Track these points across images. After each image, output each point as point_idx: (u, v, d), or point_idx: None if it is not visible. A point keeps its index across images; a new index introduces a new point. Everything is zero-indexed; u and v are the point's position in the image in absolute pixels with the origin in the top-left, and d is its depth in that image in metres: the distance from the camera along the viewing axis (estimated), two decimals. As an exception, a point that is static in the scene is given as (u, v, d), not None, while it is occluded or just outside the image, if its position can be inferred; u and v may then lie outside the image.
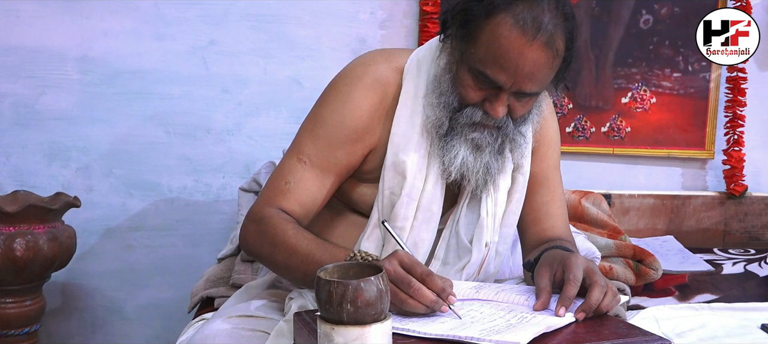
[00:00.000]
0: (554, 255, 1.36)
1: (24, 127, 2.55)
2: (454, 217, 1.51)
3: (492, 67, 1.32)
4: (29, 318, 2.32)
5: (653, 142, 2.73)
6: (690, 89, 2.71)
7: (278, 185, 1.45)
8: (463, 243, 1.49)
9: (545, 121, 1.56)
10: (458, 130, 1.40)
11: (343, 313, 1.05)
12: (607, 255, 2.17)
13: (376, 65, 1.48)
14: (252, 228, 1.43)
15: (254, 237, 1.42)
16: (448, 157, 1.41)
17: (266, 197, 1.45)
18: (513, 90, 1.34)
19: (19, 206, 2.22)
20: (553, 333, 1.19)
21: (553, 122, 1.62)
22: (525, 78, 1.32)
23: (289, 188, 1.44)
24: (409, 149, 1.43)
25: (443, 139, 1.41)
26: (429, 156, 1.44)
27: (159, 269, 2.64)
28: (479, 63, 1.33)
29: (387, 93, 1.46)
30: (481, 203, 1.48)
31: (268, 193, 1.46)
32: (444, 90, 1.40)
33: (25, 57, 2.52)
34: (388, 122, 1.46)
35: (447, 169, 1.42)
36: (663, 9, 2.68)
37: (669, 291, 2.17)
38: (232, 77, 2.56)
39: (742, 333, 1.76)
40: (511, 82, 1.32)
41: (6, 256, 2.19)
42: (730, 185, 2.71)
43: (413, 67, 1.47)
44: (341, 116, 1.44)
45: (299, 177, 1.44)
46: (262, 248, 1.41)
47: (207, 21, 2.57)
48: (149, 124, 2.58)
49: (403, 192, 1.43)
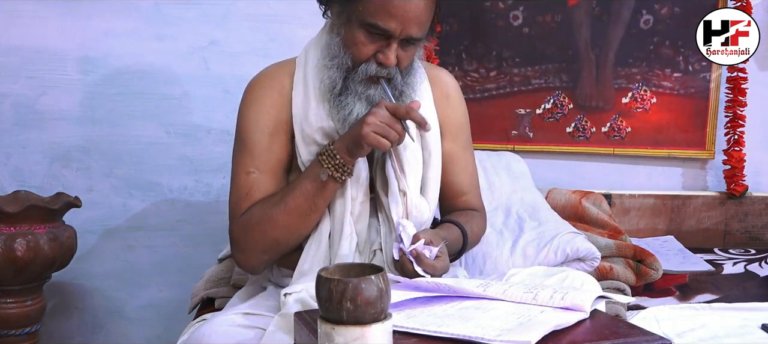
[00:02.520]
0: None
1: (24, 127, 2.55)
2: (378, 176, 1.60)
3: (382, 16, 1.44)
4: (30, 318, 2.32)
5: (654, 142, 2.73)
6: (690, 89, 2.71)
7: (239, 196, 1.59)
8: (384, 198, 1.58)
9: (454, 107, 1.71)
10: (353, 88, 1.51)
11: (343, 311, 1.05)
12: (608, 255, 2.17)
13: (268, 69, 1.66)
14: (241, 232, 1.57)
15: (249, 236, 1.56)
16: (342, 113, 1.52)
17: (233, 211, 1.60)
18: (402, 37, 1.47)
19: (19, 207, 2.22)
20: (559, 333, 1.19)
21: (462, 107, 1.75)
22: (412, 22, 1.46)
23: (251, 194, 1.57)
24: (311, 118, 1.54)
25: (337, 98, 1.52)
26: (330, 118, 1.54)
27: (159, 269, 2.64)
28: (369, 16, 1.45)
29: (284, 83, 1.60)
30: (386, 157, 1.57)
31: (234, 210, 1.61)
32: (335, 53, 1.51)
33: (25, 57, 2.52)
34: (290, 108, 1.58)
35: (343, 125, 1.51)
36: (663, 9, 2.68)
37: (669, 291, 2.17)
38: (233, 77, 2.55)
39: (742, 333, 1.76)
40: (401, 28, 1.46)
41: (6, 256, 2.19)
42: (730, 185, 2.71)
43: (302, 54, 1.62)
44: (256, 118, 1.58)
45: (255, 186, 1.57)
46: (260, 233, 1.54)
47: (207, 21, 2.57)
48: (150, 124, 2.58)
49: None
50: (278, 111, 1.58)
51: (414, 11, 1.45)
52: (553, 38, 2.68)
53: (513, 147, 2.69)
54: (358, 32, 1.48)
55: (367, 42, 1.48)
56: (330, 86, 1.52)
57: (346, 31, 1.50)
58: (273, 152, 1.58)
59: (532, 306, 1.29)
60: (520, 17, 2.67)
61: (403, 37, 1.48)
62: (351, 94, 1.51)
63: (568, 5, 2.67)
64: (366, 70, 1.50)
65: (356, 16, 1.47)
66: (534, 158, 2.67)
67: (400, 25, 1.45)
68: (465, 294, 1.35)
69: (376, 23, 1.45)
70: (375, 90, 1.51)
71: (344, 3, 1.49)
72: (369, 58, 1.49)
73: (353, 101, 1.51)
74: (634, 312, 1.89)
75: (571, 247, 2.02)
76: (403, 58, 1.51)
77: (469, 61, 2.68)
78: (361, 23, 1.47)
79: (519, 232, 2.13)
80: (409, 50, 1.52)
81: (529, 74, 2.70)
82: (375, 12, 1.45)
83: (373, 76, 1.50)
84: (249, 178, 1.58)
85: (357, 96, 1.51)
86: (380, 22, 1.45)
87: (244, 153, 1.60)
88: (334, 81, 1.52)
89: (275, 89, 1.60)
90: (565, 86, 2.71)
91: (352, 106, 1.51)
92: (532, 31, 2.68)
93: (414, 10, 1.45)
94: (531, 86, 2.70)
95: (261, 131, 1.58)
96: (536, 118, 2.72)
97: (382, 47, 1.48)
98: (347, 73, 1.51)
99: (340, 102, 1.52)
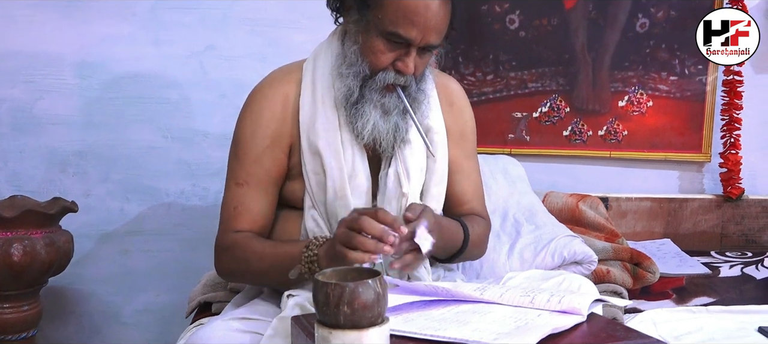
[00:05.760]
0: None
1: (21, 132, 2.55)
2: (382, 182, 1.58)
3: (404, 25, 1.43)
4: (26, 323, 2.31)
5: (650, 145, 2.73)
6: (687, 92, 2.72)
7: (229, 213, 1.58)
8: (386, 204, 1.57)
9: (461, 113, 1.70)
10: (368, 96, 1.49)
11: (340, 315, 1.05)
12: (605, 258, 2.18)
13: (273, 76, 1.63)
14: (224, 257, 1.57)
15: (228, 264, 1.57)
16: (360, 122, 1.50)
17: (223, 227, 1.59)
18: (421, 45, 1.46)
19: (16, 211, 2.22)
20: (557, 336, 1.19)
21: (469, 113, 1.74)
22: (432, 31, 1.45)
23: (239, 211, 1.57)
24: (318, 127, 1.53)
25: (354, 107, 1.50)
26: (340, 128, 1.53)
27: (156, 273, 2.63)
28: (390, 24, 1.43)
29: (289, 91, 1.58)
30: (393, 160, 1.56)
31: (223, 225, 1.59)
32: (353, 61, 1.50)
33: (22, 62, 2.52)
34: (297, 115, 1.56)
35: (360, 134, 1.50)
36: (659, 12, 2.68)
37: (666, 294, 2.18)
38: (231, 82, 2.55)
39: (739, 335, 1.76)
40: (421, 36, 1.44)
41: (3, 261, 2.19)
42: (727, 188, 2.72)
43: (311, 59, 1.60)
44: (253, 129, 1.57)
45: (244, 199, 1.57)
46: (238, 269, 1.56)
47: (205, 25, 2.57)
48: (147, 128, 2.58)
49: (326, 170, 1.53)
50: (279, 123, 1.57)
51: (434, 19, 1.44)
52: (550, 42, 2.69)
53: (510, 151, 2.69)
54: (378, 40, 1.46)
55: (386, 50, 1.46)
56: (346, 94, 1.50)
57: (363, 39, 1.48)
58: (263, 166, 1.57)
59: (529, 310, 1.29)
60: (517, 21, 2.68)
61: (422, 45, 1.47)
62: (367, 102, 1.50)
63: (564, 9, 2.68)
64: (384, 79, 1.48)
65: (375, 23, 1.45)
66: (531, 161, 2.67)
67: (421, 33, 1.44)
68: (462, 297, 1.35)
69: (396, 32, 1.44)
70: (390, 98, 1.50)
71: (363, 10, 1.47)
72: (387, 66, 1.48)
73: (369, 109, 1.50)
74: (631, 316, 1.89)
75: (568, 250, 2.02)
76: (419, 65, 1.51)
77: (466, 64, 2.69)
78: (380, 31, 1.45)
79: (516, 235, 2.14)
80: (426, 57, 1.51)
81: (525, 78, 2.70)
82: (396, 20, 1.43)
83: (390, 85, 1.49)
84: (239, 190, 1.58)
85: (373, 105, 1.50)
86: (401, 30, 1.43)
87: (236, 161, 1.60)
88: (351, 90, 1.50)
89: (278, 100, 1.58)
90: (562, 90, 2.71)
91: (369, 115, 1.50)
92: (528, 34, 2.68)
93: (434, 18, 1.44)
94: (527, 90, 2.71)
95: (255, 142, 1.57)
96: (533, 121, 2.72)
97: (401, 55, 1.47)
98: (364, 82, 1.49)
99: (357, 111, 1.50)
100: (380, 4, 1.44)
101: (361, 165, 1.55)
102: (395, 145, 1.54)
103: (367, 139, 1.51)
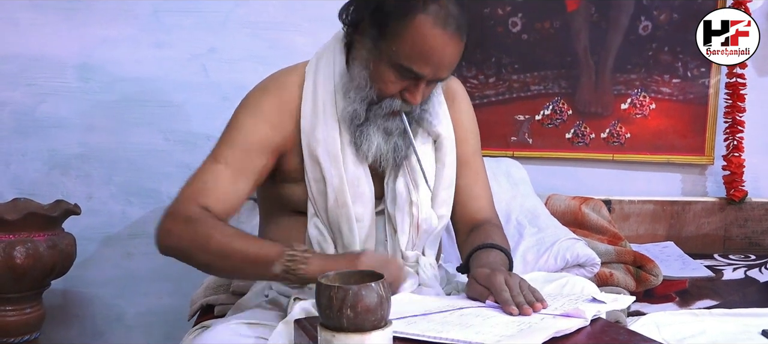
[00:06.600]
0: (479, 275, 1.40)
1: (24, 135, 2.55)
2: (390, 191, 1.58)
3: (418, 62, 1.43)
4: (29, 325, 2.31)
5: (653, 148, 2.73)
6: (689, 94, 2.71)
7: (197, 186, 1.52)
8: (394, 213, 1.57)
9: (462, 110, 1.70)
10: (372, 119, 1.50)
11: (343, 318, 1.05)
12: (608, 261, 2.17)
13: (280, 74, 1.62)
14: (179, 227, 1.47)
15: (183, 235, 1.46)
16: (365, 144, 1.51)
17: (185, 195, 1.51)
18: (431, 79, 1.47)
19: (19, 214, 2.22)
20: (560, 339, 1.19)
21: (470, 110, 1.74)
22: (445, 68, 1.46)
23: (207, 187, 1.52)
24: (319, 136, 1.53)
25: (359, 129, 1.51)
26: (341, 140, 1.53)
27: (159, 276, 2.63)
28: (405, 59, 1.43)
29: (291, 94, 1.57)
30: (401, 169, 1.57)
31: (187, 191, 1.52)
32: (361, 86, 1.50)
33: (24, 65, 2.52)
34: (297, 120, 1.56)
35: (365, 156, 1.52)
36: (662, 15, 2.68)
37: (669, 297, 2.17)
38: (232, 84, 2.55)
39: (742, 338, 1.76)
40: (434, 73, 1.45)
41: (6, 264, 2.19)
42: (730, 191, 2.71)
43: (313, 64, 1.59)
44: (253, 124, 1.55)
45: (216, 177, 1.52)
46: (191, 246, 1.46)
47: (206, 28, 2.57)
48: (149, 131, 2.58)
49: (326, 178, 1.53)
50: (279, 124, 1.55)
51: (449, 58, 1.45)
52: (552, 44, 2.68)
53: (512, 153, 2.69)
54: (389, 71, 1.46)
55: (396, 80, 1.46)
56: (352, 115, 1.51)
57: (374, 66, 1.47)
58: (253, 161, 1.54)
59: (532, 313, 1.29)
60: (519, 24, 2.67)
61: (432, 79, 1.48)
62: (372, 125, 1.51)
63: (566, 11, 2.68)
64: (390, 106, 1.49)
65: (389, 55, 1.44)
66: (533, 164, 2.67)
67: (434, 70, 1.45)
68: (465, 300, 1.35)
69: (411, 68, 1.44)
70: (393, 122, 1.51)
71: (378, 40, 1.46)
72: (395, 94, 1.49)
73: (374, 132, 1.51)
74: (634, 319, 1.88)
75: (570, 253, 2.02)
76: (426, 94, 1.52)
77: (468, 67, 2.69)
78: (393, 63, 1.45)
79: (519, 238, 2.13)
80: (432, 86, 1.53)
81: (528, 81, 2.70)
82: (411, 56, 1.42)
83: (396, 111, 1.50)
84: (216, 167, 1.52)
85: (377, 128, 1.51)
86: (415, 67, 1.43)
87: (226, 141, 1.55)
88: (358, 114, 1.51)
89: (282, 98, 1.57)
90: (564, 92, 2.71)
91: (372, 137, 1.51)
92: (531, 37, 2.68)
93: (449, 57, 1.45)
94: (530, 93, 2.71)
95: (253, 137, 1.54)
96: (535, 124, 2.72)
97: (410, 86, 1.47)
98: (370, 106, 1.50)
99: (361, 132, 1.51)
100: (397, 37, 1.42)
101: (363, 173, 1.55)
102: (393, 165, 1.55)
103: (371, 160, 1.53)
